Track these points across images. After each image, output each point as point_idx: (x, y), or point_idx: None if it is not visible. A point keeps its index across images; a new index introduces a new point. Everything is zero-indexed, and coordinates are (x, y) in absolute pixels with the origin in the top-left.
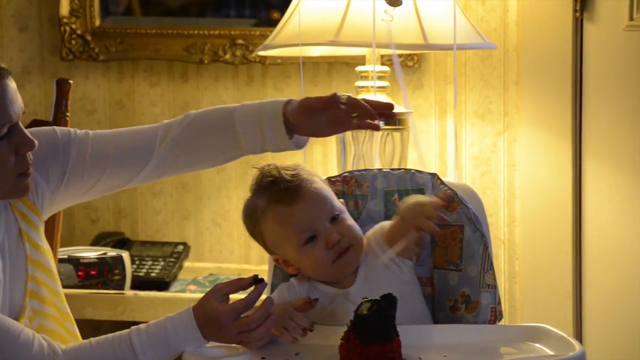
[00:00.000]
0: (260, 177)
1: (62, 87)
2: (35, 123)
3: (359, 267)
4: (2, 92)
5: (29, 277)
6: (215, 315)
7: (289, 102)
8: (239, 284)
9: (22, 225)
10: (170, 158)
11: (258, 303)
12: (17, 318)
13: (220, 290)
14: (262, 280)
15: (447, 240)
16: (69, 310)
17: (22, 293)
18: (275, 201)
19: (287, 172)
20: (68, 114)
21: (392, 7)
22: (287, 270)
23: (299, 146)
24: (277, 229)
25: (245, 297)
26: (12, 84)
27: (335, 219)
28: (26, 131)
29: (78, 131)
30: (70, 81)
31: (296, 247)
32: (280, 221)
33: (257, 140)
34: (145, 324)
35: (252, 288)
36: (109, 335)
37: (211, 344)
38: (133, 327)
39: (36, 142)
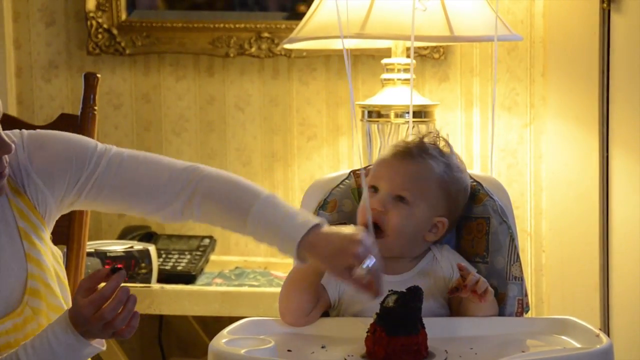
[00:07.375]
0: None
1: (90, 81)
2: (64, 117)
3: (419, 263)
4: None
5: (29, 274)
6: (79, 310)
7: (305, 240)
8: (97, 275)
9: (20, 223)
10: (184, 217)
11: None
12: (9, 314)
13: (83, 286)
14: (119, 269)
15: (473, 233)
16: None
17: (20, 291)
18: (391, 150)
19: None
20: (96, 107)
21: None
22: None
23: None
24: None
25: (102, 287)
26: None
27: (402, 198)
28: (3, 134)
29: (114, 149)
30: (98, 75)
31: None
32: (378, 161)
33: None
34: (32, 338)
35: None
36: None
37: (240, 336)
38: (21, 344)
39: (13, 146)
